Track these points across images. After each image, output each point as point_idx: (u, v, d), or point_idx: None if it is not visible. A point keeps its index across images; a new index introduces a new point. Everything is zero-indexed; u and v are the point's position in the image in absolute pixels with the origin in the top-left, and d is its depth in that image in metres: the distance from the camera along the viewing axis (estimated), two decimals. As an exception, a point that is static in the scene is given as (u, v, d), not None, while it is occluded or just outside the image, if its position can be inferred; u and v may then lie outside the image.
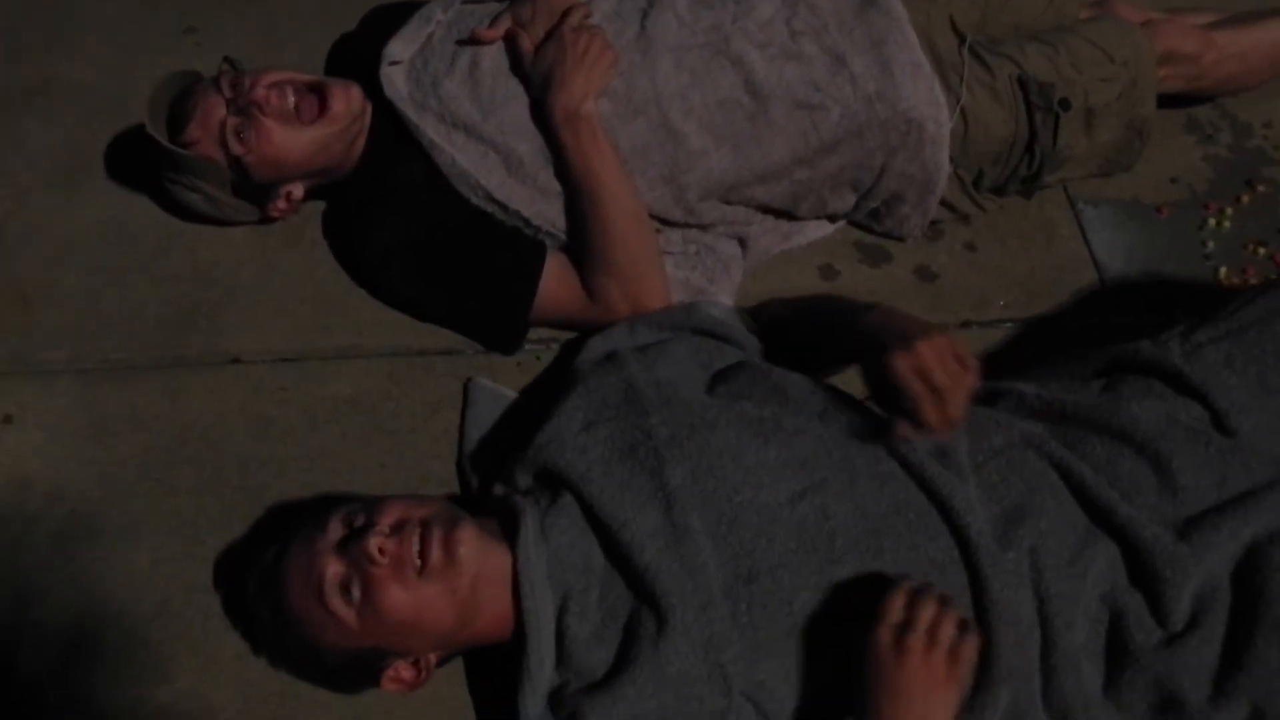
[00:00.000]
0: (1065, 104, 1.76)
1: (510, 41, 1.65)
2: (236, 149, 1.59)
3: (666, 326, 1.59)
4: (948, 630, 1.18)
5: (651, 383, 1.44)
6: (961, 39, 1.77)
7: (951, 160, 1.75)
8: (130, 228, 1.77)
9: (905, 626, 1.18)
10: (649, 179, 1.66)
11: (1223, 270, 1.85)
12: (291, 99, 1.60)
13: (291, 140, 1.60)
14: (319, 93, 1.62)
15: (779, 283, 1.76)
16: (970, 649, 1.18)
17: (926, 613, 1.18)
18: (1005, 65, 1.76)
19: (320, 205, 1.79)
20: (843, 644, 1.27)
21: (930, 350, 1.32)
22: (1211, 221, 1.92)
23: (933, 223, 1.85)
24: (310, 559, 1.30)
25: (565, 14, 1.65)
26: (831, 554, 1.31)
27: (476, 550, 1.31)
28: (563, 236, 1.66)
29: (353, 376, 1.65)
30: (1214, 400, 1.38)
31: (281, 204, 1.68)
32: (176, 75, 1.68)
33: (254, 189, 1.65)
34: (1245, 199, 1.95)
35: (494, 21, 1.67)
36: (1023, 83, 1.75)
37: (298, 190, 1.68)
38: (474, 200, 1.64)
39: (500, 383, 1.66)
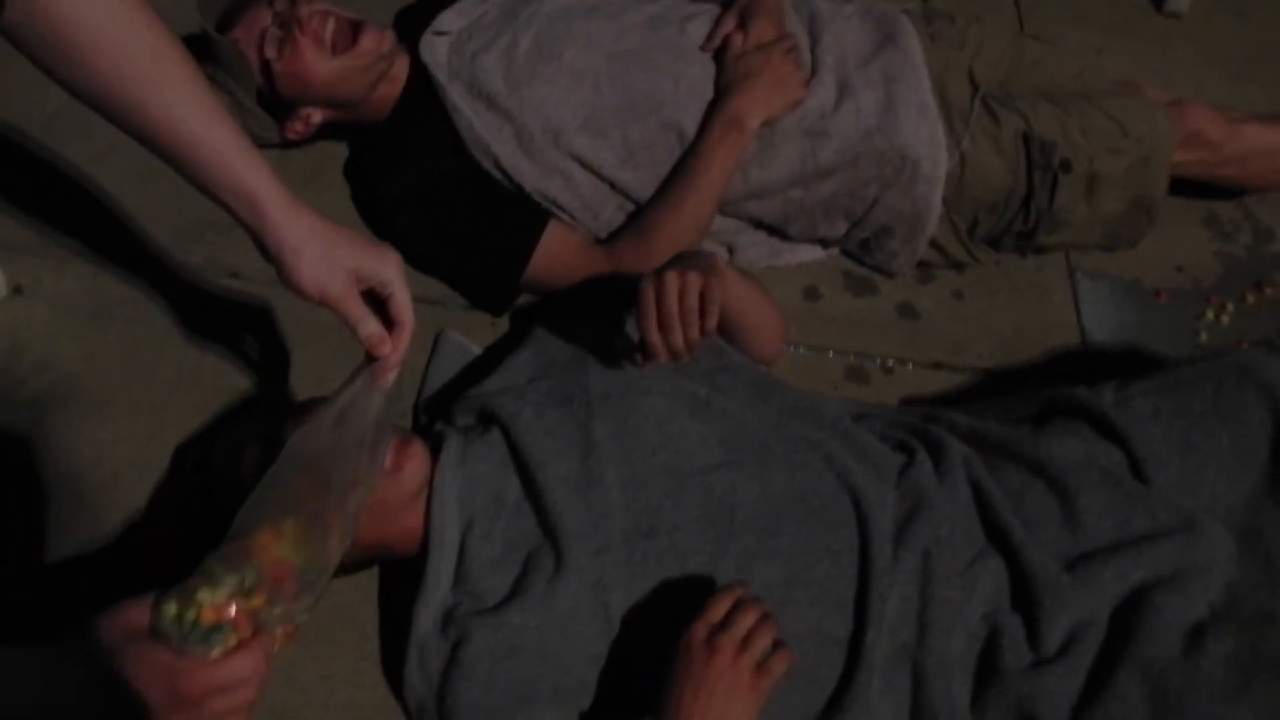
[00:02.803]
0: (1066, 165, 1.79)
1: (723, 34, 1.77)
2: (269, 53, 1.71)
3: None
4: (762, 641, 1.19)
5: (599, 346, 1.51)
6: (975, 89, 1.82)
7: (946, 203, 1.80)
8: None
9: (721, 628, 1.19)
10: (653, 174, 1.74)
11: (1210, 361, 1.85)
12: (331, 27, 1.72)
13: (318, 63, 1.71)
14: (356, 29, 1.74)
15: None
16: (780, 665, 1.19)
17: (745, 620, 1.19)
18: (1014, 120, 1.80)
19: (343, 150, 1.91)
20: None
21: (673, 279, 1.34)
22: (1210, 314, 1.92)
23: (925, 265, 1.90)
24: None
25: (781, 36, 1.76)
26: (730, 527, 1.35)
27: (421, 470, 1.39)
28: (557, 213, 1.75)
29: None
30: (1134, 447, 1.40)
31: (299, 125, 1.79)
32: None
33: (276, 103, 1.76)
34: (1251, 299, 1.95)
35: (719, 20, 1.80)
36: (1027, 139, 1.79)
37: (316, 115, 1.79)
38: (485, 165, 1.75)
39: (472, 339, 1.74)
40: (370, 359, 1.18)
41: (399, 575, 1.46)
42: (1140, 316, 1.91)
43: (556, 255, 1.72)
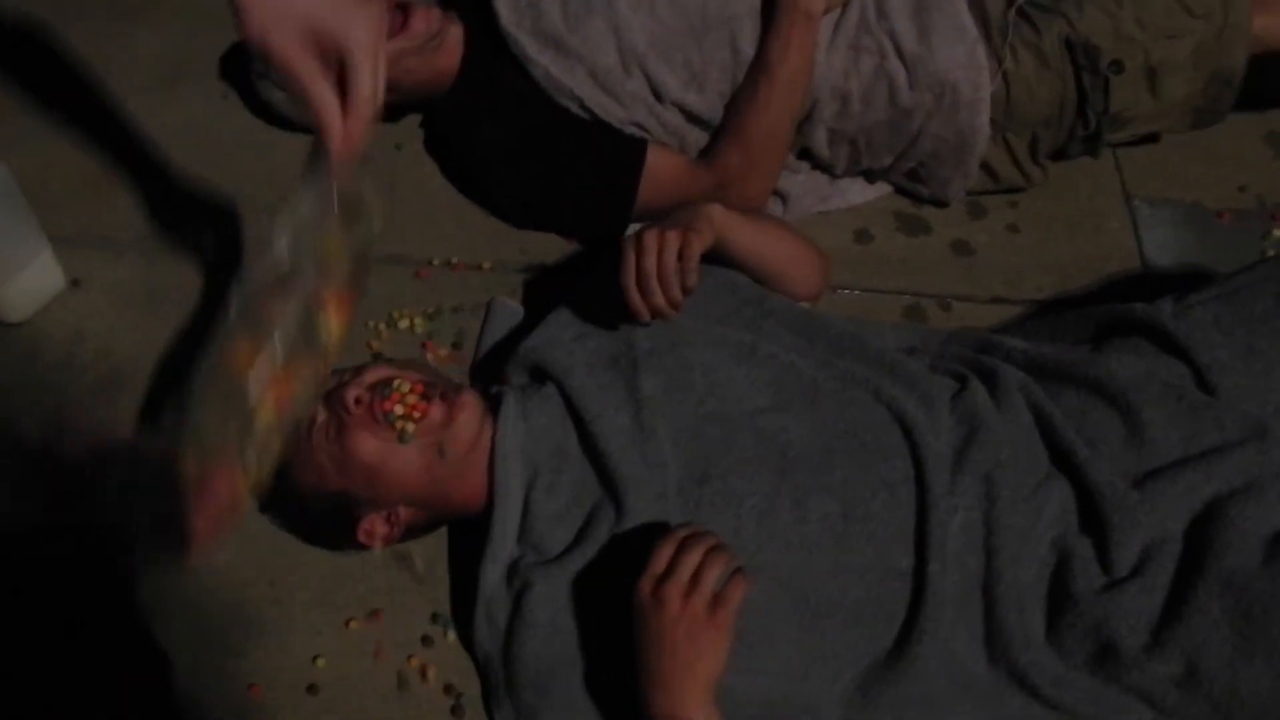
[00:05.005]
0: (1117, 66, 1.73)
1: None
2: None
3: None
4: (710, 575, 1.16)
5: None
6: (1010, 2, 1.77)
7: (997, 124, 1.76)
8: (212, 131, 1.93)
9: (665, 577, 1.17)
10: (710, 94, 1.74)
11: (1279, 279, 1.80)
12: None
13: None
14: (404, 11, 1.75)
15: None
16: (736, 592, 1.16)
17: (689, 560, 1.17)
18: (1056, 24, 1.74)
19: (387, 127, 1.92)
20: (781, 549, 1.31)
21: (652, 238, 1.36)
22: (1277, 233, 1.87)
23: (976, 199, 1.86)
24: None
25: None
26: (783, 465, 1.34)
27: (475, 419, 1.40)
28: (649, 139, 1.75)
29: (389, 279, 1.76)
30: (1196, 357, 1.37)
31: None
32: None
33: None
34: (1320, 215, 1.90)
35: None
36: (1070, 44, 1.74)
37: None
38: (571, 108, 1.75)
39: (525, 304, 1.74)
40: (317, 149, 1.02)
41: (469, 534, 1.47)
42: (1203, 239, 1.87)
43: (663, 177, 1.73)
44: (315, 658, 1.43)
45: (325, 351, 1.15)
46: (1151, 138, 1.90)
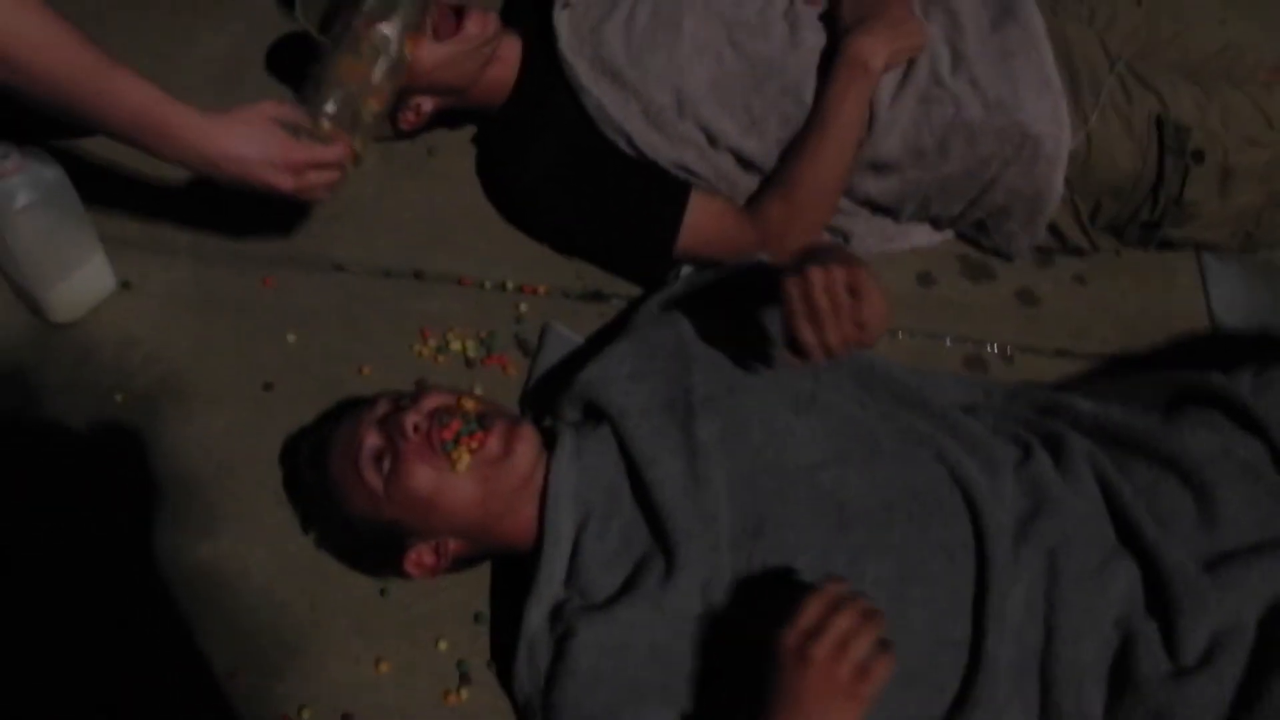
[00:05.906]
0: (1199, 156, 1.68)
1: None
2: None
3: None
4: (861, 644, 1.11)
5: (702, 343, 1.47)
6: (1111, 62, 1.72)
7: (1069, 183, 1.71)
8: (272, 135, 1.89)
9: (815, 633, 1.12)
10: (768, 142, 1.70)
11: (1353, 345, 1.75)
12: (431, 13, 1.68)
13: (422, 51, 1.68)
14: (459, 13, 1.71)
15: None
16: (883, 669, 1.11)
17: (842, 623, 1.12)
18: (1149, 99, 1.70)
19: (450, 140, 1.89)
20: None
21: (818, 273, 1.26)
22: (1352, 295, 1.82)
23: (1044, 250, 1.82)
24: (354, 429, 1.38)
25: None
26: (840, 522, 1.31)
27: (532, 452, 1.38)
28: (696, 182, 1.72)
29: (443, 298, 1.73)
30: (1275, 437, 1.33)
31: (411, 115, 1.76)
32: None
33: None
34: (1400, 276, 1.85)
35: None
36: (1160, 121, 1.70)
37: (427, 104, 1.76)
38: (618, 142, 1.72)
39: (581, 330, 1.71)
40: None
41: (513, 572, 1.44)
42: (1274, 297, 1.82)
43: (705, 222, 1.69)
44: (353, 685, 1.41)
45: (403, 68, 1.58)
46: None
